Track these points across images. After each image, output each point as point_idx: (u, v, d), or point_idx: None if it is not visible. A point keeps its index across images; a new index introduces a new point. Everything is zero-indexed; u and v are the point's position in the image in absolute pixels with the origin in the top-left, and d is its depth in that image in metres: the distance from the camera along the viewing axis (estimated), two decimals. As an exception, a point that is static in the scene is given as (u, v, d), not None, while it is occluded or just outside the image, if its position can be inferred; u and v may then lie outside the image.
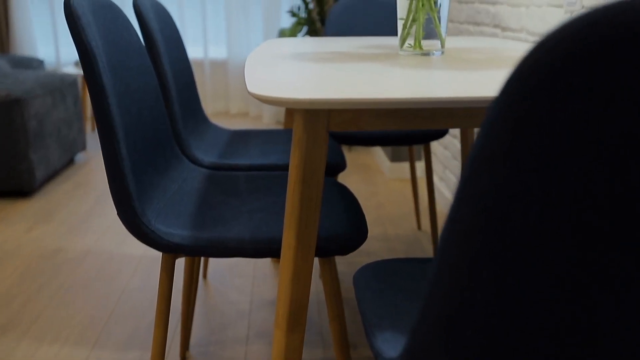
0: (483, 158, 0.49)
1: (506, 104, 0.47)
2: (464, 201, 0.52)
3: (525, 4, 1.74)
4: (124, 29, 1.19)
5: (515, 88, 0.46)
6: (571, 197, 0.45)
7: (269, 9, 4.09)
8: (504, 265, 0.49)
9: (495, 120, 0.48)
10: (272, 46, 1.60)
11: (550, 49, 0.44)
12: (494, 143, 0.48)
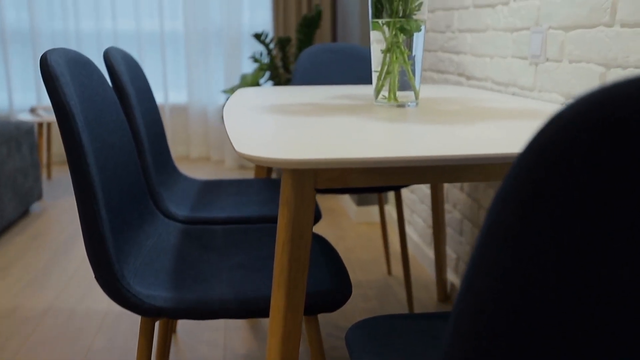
0: (498, 229, 0.49)
1: (521, 177, 0.47)
2: (478, 271, 0.51)
3: (489, 55, 1.80)
4: (99, 85, 1.17)
5: (530, 162, 0.46)
6: (586, 267, 0.45)
7: (230, 54, 4.11)
8: (520, 336, 0.49)
9: (510, 192, 0.48)
10: (245, 97, 1.60)
11: (564, 126, 0.45)
12: (508, 214, 0.48)
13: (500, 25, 1.72)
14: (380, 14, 1.37)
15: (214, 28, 4.17)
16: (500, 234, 0.48)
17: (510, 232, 0.47)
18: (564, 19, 1.39)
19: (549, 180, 0.45)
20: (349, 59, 2.27)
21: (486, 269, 0.50)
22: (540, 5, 1.49)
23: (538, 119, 1.13)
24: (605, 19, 1.23)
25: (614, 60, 1.21)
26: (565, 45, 1.39)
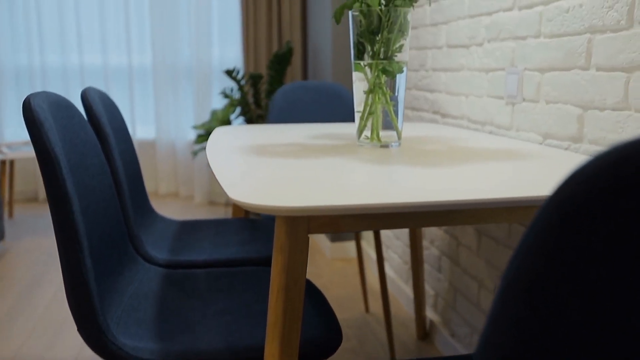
0: (518, 283, 0.49)
1: (541, 232, 0.47)
2: (498, 325, 0.51)
3: (464, 94, 1.84)
4: (80, 128, 1.14)
5: (550, 217, 0.46)
6: (609, 320, 0.45)
7: (200, 90, 4.10)
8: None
9: (530, 247, 0.48)
10: (224, 136, 1.58)
11: (584, 182, 0.45)
12: (528, 270, 0.48)
13: (474, 65, 1.76)
14: (362, 55, 1.39)
15: (183, 63, 4.16)
16: (521, 287, 0.48)
17: (531, 285, 0.47)
18: (540, 61, 1.43)
19: (569, 234, 0.45)
20: (324, 97, 2.28)
21: (506, 322, 0.49)
22: (515, 48, 1.53)
23: (522, 159, 1.15)
24: (581, 62, 1.27)
25: (591, 102, 1.24)
26: (541, 87, 1.43)
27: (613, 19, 1.17)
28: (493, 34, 1.65)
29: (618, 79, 1.16)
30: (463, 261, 1.85)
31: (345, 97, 2.28)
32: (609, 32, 1.19)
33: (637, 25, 1.11)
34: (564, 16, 1.32)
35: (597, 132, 1.23)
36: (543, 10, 1.41)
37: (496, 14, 1.62)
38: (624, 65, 1.15)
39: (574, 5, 1.29)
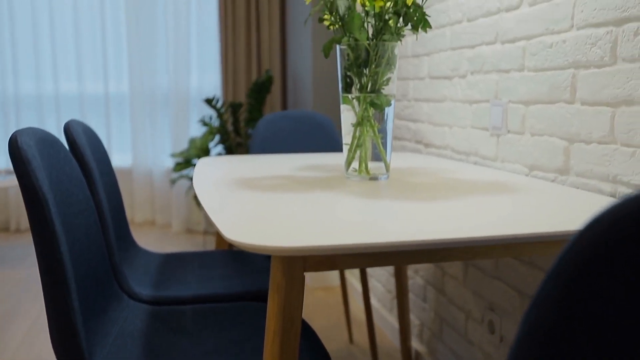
0: (537, 327, 0.49)
1: (561, 280, 0.47)
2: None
3: (448, 124, 1.85)
4: (65, 163, 1.11)
5: (571, 262, 0.46)
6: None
7: (178, 117, 4.07)
8: None
9: (548, 297, 0.48)
10: (210, 168, 1.56)
11: (605, 230, 0.45)
12: (548, 313, 0.48)
13: (458, 96, 1.79)
14: (350, 88, 1.39)
15: (160, 90, 4.13)
16: (541, 331, 0.47)
17: (549, 337, 0.47)
18: (524, 94, 1.45)
19: (590, 283, 0.45)
20: (306, 126, 2.28)
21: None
22: (499, 80, 1.56)
23: (512, 192, 1.16)
24: (566, 96, 1.30)
25: (577, 135, 1.26)
26: (526, 119, 1.45)
27: (597, 55, 1.20)
28: (476, 67, 1.67)
29: (603, 114, 1.18)
30: (449, 291, 1.85)
31: (327, 127, 2.29)
32: (592, 68, 1.21)
33: (621, 62, 1.13)
34: (548, 51, 1.35)
35: (583, 164, 1.25)
36: (526, 45, 1.43)
37: (479, 47, 1.65)
38: (608, 100, 1.17)
39: (557, 41, 1.32)
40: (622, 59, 1.13)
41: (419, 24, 1.32)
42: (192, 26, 4.03)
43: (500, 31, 1.55)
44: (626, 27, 1.12)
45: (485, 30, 1.62)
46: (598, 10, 1.19)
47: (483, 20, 1.63)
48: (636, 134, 1.10)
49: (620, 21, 1.13)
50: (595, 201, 1.08)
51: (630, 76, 1.11)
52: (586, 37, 1.23)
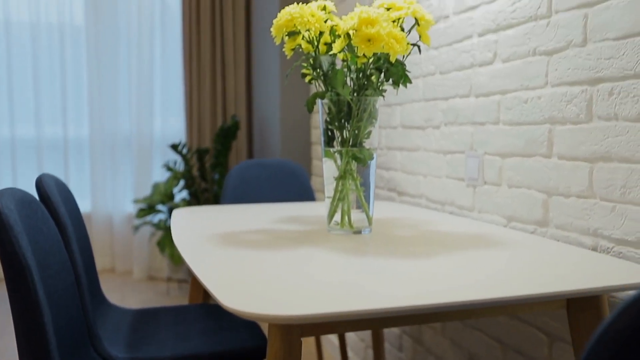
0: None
1: (611, 345, 0.47)
2: None
3: (422, 173, 1.88)
4: (43, 224, 1.07)
5: (606, 346, 0.47)
6: None
7: (140, 161, 4.00)
8: None
9: (599, 357, 0.48)
10: (187, 222, 1.53)
11: (638, 314, 0.46)
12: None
13: (432, 146, 1.82)
14: (331, 141, 1.40)
15: (122, 134, 4.06)
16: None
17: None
18: (500, 147, 1.49)
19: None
20: (279, 174, 2.27)
21: None
22: (474, 132, 1.59)
23: (499, 247, 1.17)
24: (543, 150, 1.34)
25: (556, 188, 1.30)
26: (503, 171, 1.48)
27: (572, 112, 1.24)
28: (450, 118, 1.71)
29: (581, 168, 1.22)
30: (427, 340, 1.84)
31: (300, 175, 2.28)
32: (569, 124, 1.25)
33: (597, 120, 1.18)
34: (523, 106, 1.39)
35: (563, 217, 1.28)
36: (501, 99, 1.48)
37: (452, 99, 1.69)
38: (586, 155, 1.21)
39: (533, 97, 1.36)
40: (598, 117, 1.18)
41: (400, 80, 1.35)
42: (156, 69, 4.01)
43: (474, 85, 1.59)
44: (600, 87, 1.17)
45: (458, 84, 1.66)
46: (572, 70, 1.24)
47: (456, 74, 1.67)
48: (615, 189, 1.14)
49: (594, 81, 1.18)
50: (581, 256, 1.10)
51: (607, 134, 1.15)
52: (561, 95, 1.27)
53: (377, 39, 1.22)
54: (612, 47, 1.14)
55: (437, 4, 1.75)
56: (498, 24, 1.48)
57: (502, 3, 1.46)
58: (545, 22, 1.32)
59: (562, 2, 1.26)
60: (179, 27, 3.94)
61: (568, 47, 1.25)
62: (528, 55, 1.37)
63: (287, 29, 1.32)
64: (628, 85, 1.10)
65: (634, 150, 1.09)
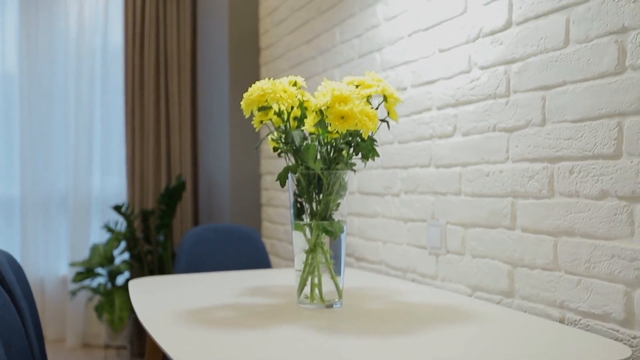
0: None
1: None
2: None
3: (381, 240, 1.90)
4: (4, 311, 0.99)
5: None
6: None
7: (77, 222, 3.83)
8: None
9: None
10: (146, 295, 1.46)
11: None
12: None
13: (391, 213, 1.85)
14: (301, 214, 1.40)
15: (58, 192, 3.88)
16: None
17: None
18: (462, 217, 1.53)
19: None
20: (233, 239, 2.24)
21: None
22: (435, 202, 1.64)
23: (469, 320, 1.18)
24: (506, 222, 1.39)
25: (520, 260, 1.34)
26: (466, 241, 1.52)
27: (534, 187, 1.30)
28: (410, 187, 1.75)
29: (546, 242, 1.27)
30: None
31: (254, 240, 2.26)
32: (531, 199, 1.31)
33: (559, 196, 1.24)
34: (485, 179, 1.45)
35: (529, 289, 1.32)
36: (462, 171, 1.53)
37: (412, 168, 1.74)
38: (550, 229, 1.26)
39: (494, 171, 1.42)
40: (560, 193, 1.24)
41: (369, 154, 1.38)
42: (96, 124, 3.88)
43: (434, 156, 1.64)
44: (561, 165, 1.24)
45: (418, 154, 1.71)
46: (532, 147, 1.31)
47: (415, 144, 1.72)
48: (580, 263, 1.19)
49: (555, 159, 1.25)
50: (549, 329, 1.13)
51: (569, 210, 1.21)
52: (523, 170, 1.34)
53: (351, 116, 1.25)
54: (570, 129, 1.21)
55: (394, 75, 1.82)
56: (457, 99, 1.55)
57: (461, 80, 1.53)
58: (504, 100, 1.39)
59: (520, 84, 1.34)
60: (121, 80, 3.87)
61: (527, 125, 1.32)
62: (488, 131, 1.44)
63: (259, 104, 1.32)
64: (588, 165, 1.17)
65: (596, 227, 1.15)
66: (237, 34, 2.97)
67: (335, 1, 2.17)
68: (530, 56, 1.31)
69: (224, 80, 3.03)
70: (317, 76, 2.34)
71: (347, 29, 2.10)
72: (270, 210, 2.89)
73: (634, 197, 1.08)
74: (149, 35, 3.73)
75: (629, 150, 1.09)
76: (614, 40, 1.12)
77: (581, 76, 1.19)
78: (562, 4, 1.23)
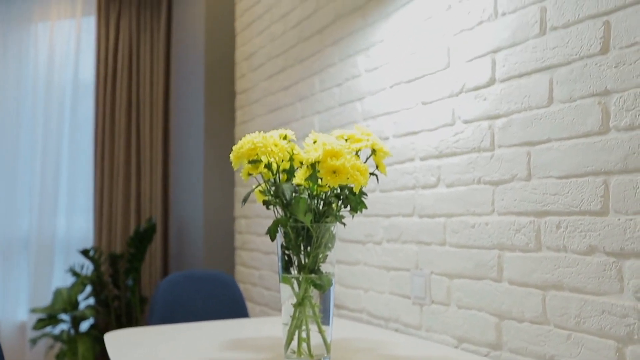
0: None
1: None
2: None
3: (363, 288, 1.89)
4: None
5: None
6: None
7: (39, 264, 3.69)
8: None
9: None
10: (126, 348, 1.41)
11: None
12: None
13: (373, 261, 1.84)
14: (289, 267, 1.38)
15: (19, 234, 3.75)
16: None
17: None
18: (447, 267, 1.54)
19: None
20: (210, 287, 2.19)
21: None
22: (419, 251, 1.65)
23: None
24: (493, 274, 1.40)
25: (508, 312, 1.35)
26: (452, 291, 1.52)
27: (521, 241, 1.32)
28: (393, 235, 1.76)
29: (534, 295, 1.29)
30: None
31: (231, 287, 2.22)
32: (518, 252, 1.33)
33: (546, 250, 1.26)
34: (470, 230, 1.47)
35: (517, 342, 1.32)
36: (446, 221, 1.55)
37: (395, 217, 1.75)
38: (538, 283, 1.28)
39: (480, 223, 1.44)
40: (547, 247, 1.26)
41: (357, 206, 1.38)
42: (63, 163, 3.79)
43: (417, 206, 1.66)
44: (547, 219, 1.26)
45: (401, 203, 1.73)
46: (518, 201, 1.34)
47: (398, 193, 1.74)
48: (570, 318, 1.20)
49: (541, 214, 1.28)
50: (545, 385, 1.13)
51: (557, 264, 1.24)
52: (509, 223, 1.36)
53: (343, 171, 1.25)
54: (556, 185, 1.25)
55: (376, 125, 1.85)
56: (441, 151, 1.58)
57: (444, 132, 1.56)
58: (489, 154, 1.42)
59: (505, 139, 1.38)
60: (91, 118, 3.80)
61: (513, 179, 1.35)
62: (473, 183, 1.47)
63: (250, 157, 1.32)
64: (575, 220, 1.20)
65: (585, 282, 1.18)
66: (212, 77, 2.97)
67: (315, 50, 2.20)
68: (514, 113, 1.35)
69: (199, 122, 3.01)
70: (295, 122, 2.35)
71: (327, 77, 2.13)
72: (244, 254, 2.85)
73: (623, 253, 1.10)
74: (121, 73, 3.70)
75: (616, 208, 1.12)
76: (597, 101, 1.16)
77: (566, 134, 1.23)
78: (545, 64, 1.28)
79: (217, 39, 2.98)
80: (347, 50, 1.99)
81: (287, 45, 2.43)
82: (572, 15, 1.22)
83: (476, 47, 1.46)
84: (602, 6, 1.16)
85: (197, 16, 3.09)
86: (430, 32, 1.62)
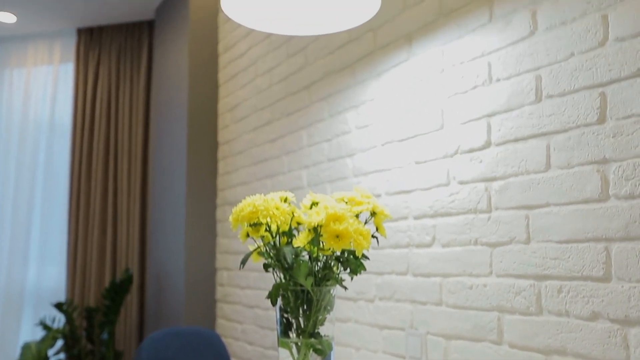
0: None
1: None
2: None
3: (354, 346, 1.86)
4: None
5: None
6: None
7: (7, 317, 3.54)
8: None
9: None
10: None
11: None
12: None
13: (365, 319, 1.82)
14: (287, 332, 1.35)
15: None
16: None
17: None
18: (444, 328, 1.53)
19: None
20: (194, 344, 2.13)
21: None
22: (414, 310, 1.63)
23: None
24: (492, 337, 1.40)
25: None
26: (449, 353, 1.51)
27: (522, 304, 1.33)
28: (386, 294, 1.74)
29: (537, 359, 1.29)
30: None
31: (217, 345, 2.16)
32: (518, 314, 1.33)
33: (547, 314, 1.27)
34: (468, 291, 1.47)
35: (520, 407, 1.31)
36: (442, 281, 1.55)
37: (388, 275, 1.74)
38: (540, 347, 1.28)
39: (478, 284, 1.44)
40: (549, 311, 1.27)
41: (357, 269, 1.37)
42: (35, 209, 3.69)
43: (412, 264, 1.66)
44: (548, 283, 1.27)
45: (394, 261, 1.72)
46: (518, 264, 1.35)
47: (392, 251, 1.74)
48: (574, 384, 1.20)
49: (542, 277, 1.29)
50: None
51: (560, 329, 1.24)
52: (509, 286, 1.36)
53: (346, 235, 1.25)
54: (556, 249, 1.26)
55: (368, 182, 1.86)
56: (435, 210, 1.59)
57: (439, 192, 1.58)
58: (485, 216, 1.44)
59: (502, 201, 1.40)
60: (66, 163, 3.72)
61: (511, 242, 1.37)
62: (470, 244, 1.48)
63: (250, 221, 1.31)
64: (577, 285, 1.21)
65: (590, 348, 1.18)
66: (195, 126, 2.96)
67: (302, 105, 2.22)
68: (511, 176, 1.38)
69: (181, 171, 2.98)
70: (282, 175, 2.34)
71: (315, 132, 2.14)
72: (226, 307, 2.79)
73: (628, 321, 1.12)
74: (99, 120, 3.66)
75: (619, 275, 1.14)
76: (595, 169, 1.19)
77: (565, 199, 1.25)
78: (541, 130, 1.31)
79: (200, 89, 2.98)
80: (337, 107, 2.01)
81: (273, 98, 2.44)
82: (567, 85, 1.26)
83: (471, 110, 1.49)
84: (598, 78, 1.20)
85: (180, 66, 3.09)
86: (423, 93, 1.65)
